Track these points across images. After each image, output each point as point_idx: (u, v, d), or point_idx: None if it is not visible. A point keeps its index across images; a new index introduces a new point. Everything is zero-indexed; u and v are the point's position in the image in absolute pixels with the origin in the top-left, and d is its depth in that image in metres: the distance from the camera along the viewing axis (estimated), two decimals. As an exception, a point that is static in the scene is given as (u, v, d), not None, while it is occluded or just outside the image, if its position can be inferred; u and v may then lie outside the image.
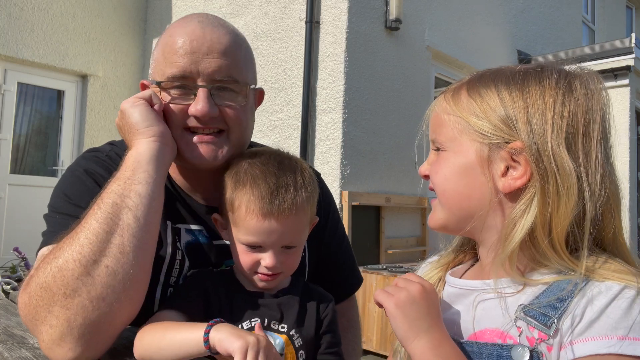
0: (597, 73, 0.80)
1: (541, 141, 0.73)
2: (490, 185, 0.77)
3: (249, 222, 0.94)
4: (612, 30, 10.58)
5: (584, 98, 0.76)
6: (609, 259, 0.74)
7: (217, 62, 1.03)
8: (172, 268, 1.06)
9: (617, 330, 0.65)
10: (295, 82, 4.90)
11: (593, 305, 0.68)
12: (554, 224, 0.72)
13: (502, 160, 0.76)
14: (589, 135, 0.74)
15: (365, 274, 4.12)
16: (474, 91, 0.81)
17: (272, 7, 5.20)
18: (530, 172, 0.74)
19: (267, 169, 0.97)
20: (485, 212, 0.79)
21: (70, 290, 0.83)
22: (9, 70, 5.91)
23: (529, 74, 0.79)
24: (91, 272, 0.84)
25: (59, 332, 0.83)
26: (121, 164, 0.97)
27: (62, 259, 0.85)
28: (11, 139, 5.97)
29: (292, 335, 0.97)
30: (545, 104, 0.75)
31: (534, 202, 0.73)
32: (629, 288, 0.68)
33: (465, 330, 0.81)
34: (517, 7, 7.39)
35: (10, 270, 2.15)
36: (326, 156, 4.63)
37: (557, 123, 0.73)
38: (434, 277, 0.93)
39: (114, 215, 0.88)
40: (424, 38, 5.48)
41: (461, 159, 0.80)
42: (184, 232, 1.09)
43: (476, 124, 0.78)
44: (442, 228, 0.86)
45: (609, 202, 0.74)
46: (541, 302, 0.72)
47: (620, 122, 6.18)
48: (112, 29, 6.64)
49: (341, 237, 1.36)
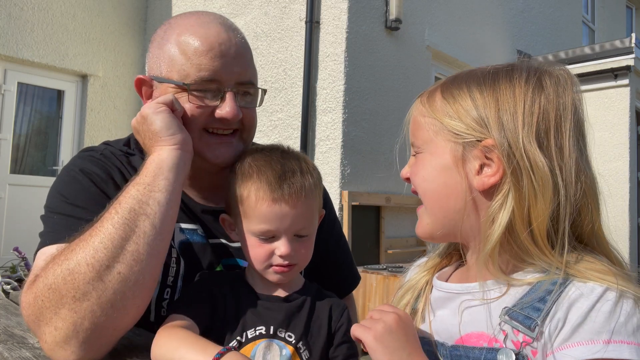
0: (568, 70, 0.81)
1: (512, 138, 0.74)
2: (465, 184, 0.79)
3: (260, 209, 0.93)
4: (612, 30, 10.58)
5: (555, 94, 0.76)
6: (589, 256, 0.74)
7: (243, 67, 1.07)
8: (168, 267, 1.06)
9: (601, 334, 0.65)
10: (295, 82, 4.90)
11: (576, 308, 0.68)
12: (532, 219, 0.73)
13: (476, 158, 0.78)
14: (560, 130, 0.75)
15: (365, 274, 4.12)
16: (447, 93, 0.83)
17: (272, 7, 5.20)
18: (503, 169, 0.75)
19: (271, 158, 0.98)
20: (464, 211, 0.79)
21: (81, 294, 0.83)
22: (9, 70, 5.91)
23: (500, 73, 0.80)
24: (103, 278, 0.84)
25: (63, 335, 0.83)
26: (110, 165, 0.97)
27: (74, 261, 0.84)
28: (11, 139, 5.97)
29: (299, 348, 0.94)
30: (516, 101, 0.76)
31: (509, 197, 0.74)
32: (610, 290, 0.68)
33: (453, 334, 0.81)
34: (517, 7, 7.39)
35: (10, 270, 2.16)
36: (326, 156, 4.64)
37: (527, 119, 0.74)
38: (421, 281, 0.94)
39: (131, 221, 0.88)
40: (424, 38, 5.48)
41: (437, 159, 0.82)
42: (177, 231, 1.09)
43: (449, 124, 0.80)
44: (429, 236, 0.87)
45: (586, 196, 0.74)
46: (525, 303, 0.72)
47: (620, 122, 6.18)
48: (112, 29, 6.64)
49: (338, 235, 1.36)
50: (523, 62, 0.82)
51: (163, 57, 1.07)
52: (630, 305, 0.67)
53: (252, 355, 0.92)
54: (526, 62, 0.82)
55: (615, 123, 6.20)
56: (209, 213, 1.13)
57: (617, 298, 0.67)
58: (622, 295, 0.67)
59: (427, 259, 0.99)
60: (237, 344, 0.93)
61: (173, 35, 1.06)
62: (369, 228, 4.81)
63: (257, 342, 0.93)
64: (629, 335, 0.65)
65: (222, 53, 1.03)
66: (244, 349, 0.93)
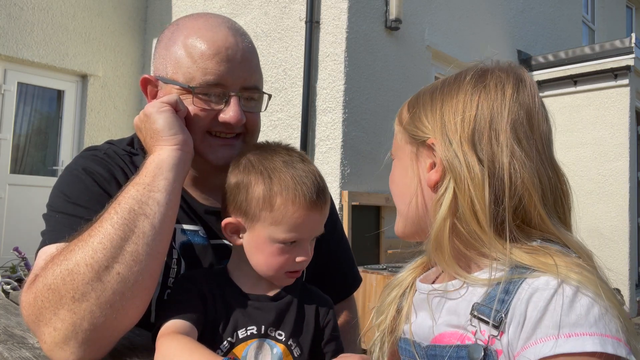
0: (515, 68, 0.85)
1: (451, 134, 0.80)
2: (417, 180, 0.86)
3: (295, 218, 0.92)
4: (612, 30, 10.58)
5: (494, 91, 0.80)
6: (546, 248, 0.74)
7: (248, 72, 1.07)
8: (169, 268, 1.05)
9: (562, 328, 0.64)
10: (295, 82, 4.90)
11: (533, 303, 0.67)
12: (476, 205, 0.76)
13: (427, 157, 0.84)
14: (496, 126, 0.78)
15: (365, 274, 4.12)
16: (410, 104, 0.91)
17: (272, 7, 5.20)
18: (443, 166, 0.80)
19: (292, 164, 0.96)
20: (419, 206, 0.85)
21: (80, 294, 0.82)
22: (9, 70, 5.91)
23: (452, 77, 0.87)
24: (102, 278, 0.83)
25: (63, 336, 0.83)
26: (110, 164, 0.97)
27: (73, 261, 0.84)
28: (11, 139, 5.97)
29: (290, 345, 0.95)
30: (457, 101, 0.82)
31: (448, 189, 0.79)
32: (566, 283, 0.67)
33: (429, 334, 0.83)
34: (517, 6, 7.39)
35: (10, 270, 2.15)
36: (326, 156, 4.64)
37: (465, 118, 0.80)
38: (406, 282, 0.97)
39: (130, 222, 0.87)
40: (424, 38, 5.48)
41: (402, 162, 0.90)
42: (178, 232, 1.09)
43: (408, 129, 0.88)
44: (402, 234, 0.93)
45: (525, 187, 0.76)
46: (491, 298, 0.73)
47: (620, 122, 6.18)
48: (112, 29, 6.63)
49: (339, 235, 1.36)
50: (477, 64, 0.87)
51: (169, 58, 1.07)
52: (588, 297, 0.66)
53: (243, 356, 0.93)
54: (480, 63, 0.87)
55: (615, 123, 6.20)
56: (211, 214, 1.13)
57: (575, 291, 0.66)
58: (579, 288, 0.66)
59: (418, 258, 1.00)
60: (228, 345, 0.93)
61: (180, 37, 1.06)
62: (369, 228, 4.80)
63: (249, 342, 0.94)
64: (590, 327, 0.64)
65: (229, 57, 1.04)
66: (236, 349, 0.93)
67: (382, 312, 0.97)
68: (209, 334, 0.92)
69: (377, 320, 0.97)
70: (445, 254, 0.79)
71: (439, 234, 0.79)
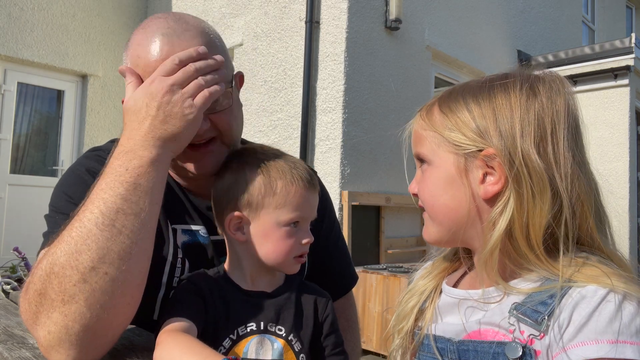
0: (558, 74, 0.84)
1: (512, 145, 0.77)
2: (469, 193, 0.81)
3: (297, 197, 0.97)
4: (612, 30, 10.58)
5: (547, 100, 0.79)
6: (590, 260, 0.75)
7: None
8: (174, 268, 1.06)
9: (605, 334, 0.66)
10: (295, 82, 4.90)
11: (580, 309, 0.69)
12: (530, 225, 0.75)
13: (479, 168, 0.80)
14: (556, 135, 0.77)
15: (365, 274, 4.12)
16: (445, 107, 0.85)
17: (272, 7, 5.20)
18: (505, 177, 0.77)
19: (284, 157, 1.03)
20: (468, 219, 0.82)
21: (68, 296, 0.82)
22: (9, 70, 5.91)
23: (495, 83, 0.83)
24: (88, 280, 0.82)
25: (56, 338, 0.82)
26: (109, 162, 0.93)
27: (58, 265, 0.83)
28: (11, 139, 5.97)
29: (290, 340, 0.96)
30: (512, 110, 0.78)
31: (509, 203, 0.76)
32: (613, 292, 0.69)
33: (460, 332, 0.83)
34: (517, 7, 7.39)
35: (10, 270, 2.15)
36: (326, 156, 4.64)
37: (525, 127, 0.77)
38: (429, 286, 0.95)
39: (115, 220, 0.85)
40: (424, 38, 5.48)
41: (442, 172, 0.84)
42: (180, 232, 1.09)
43: (449, 136, 0.82)
44: (437, 242, 0.90)
45: (580, 199, 0.76)
46: (533, 301, 0.74)
47: (620, 122, 6.18)
48: (112, 29, 6.64)
49: (337, 235, 1.36)
50: (517, 70, 0.85)
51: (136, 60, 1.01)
52: (633, 306, 0.68)
53: (244, 352, 0.93)
54: (519, 70, 0.85)
55: (615, 123, 6.20)
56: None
57: (621, 299, 0.68)
58: (625, 297, 0.69)
59: (434, 262, 1.00)
60: (230, 343, 0.94)
61: (129, 51, 1.02)
62: (369, 228, 4.81)
63: (249, 338, 0.95)
64: (631, 336, 0.66)
65: None
66: (237, 346, 0.94)
67: (403, 317, 0.96)
68: (209, 333, 0.92)
69: (399, 326, 0.96)
70: (494, 267, 0.78)
71: (494, 248, 0.77)
